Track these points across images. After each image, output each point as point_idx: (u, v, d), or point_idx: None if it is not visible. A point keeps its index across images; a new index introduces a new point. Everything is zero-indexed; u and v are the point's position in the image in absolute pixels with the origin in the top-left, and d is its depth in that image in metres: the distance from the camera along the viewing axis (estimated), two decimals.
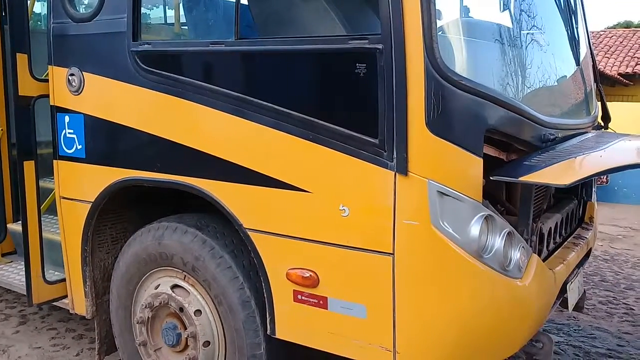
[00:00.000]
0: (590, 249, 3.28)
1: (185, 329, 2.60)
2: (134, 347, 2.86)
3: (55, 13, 2.84)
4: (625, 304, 4.73)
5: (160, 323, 2.73)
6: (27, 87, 2.91)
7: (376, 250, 2.07)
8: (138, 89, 2.57)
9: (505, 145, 2.35)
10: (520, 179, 2.13)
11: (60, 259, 3.05)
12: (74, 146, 2.84)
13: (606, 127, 3.46)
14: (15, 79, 2.87)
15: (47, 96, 2.92)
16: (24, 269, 3.06)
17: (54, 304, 3.21)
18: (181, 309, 2.60)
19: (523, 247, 2.24)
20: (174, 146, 2.49)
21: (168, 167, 2.54)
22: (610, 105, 3.53)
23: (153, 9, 4.30)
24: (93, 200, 2.78)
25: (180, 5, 3.77)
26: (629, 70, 16.29)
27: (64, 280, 3.07)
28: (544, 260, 2.54)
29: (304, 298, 2.26)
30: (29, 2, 3.54)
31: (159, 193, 2.73)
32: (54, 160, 2.95)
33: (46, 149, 3.07)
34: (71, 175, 2.91)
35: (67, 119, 2.85)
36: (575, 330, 4.11)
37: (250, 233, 2.35)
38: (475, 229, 2.05)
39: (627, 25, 33.79)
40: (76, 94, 2.79)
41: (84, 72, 2.75)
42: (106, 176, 2.72)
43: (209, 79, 2.42)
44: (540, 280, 2.34)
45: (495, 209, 2.23)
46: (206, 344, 2.56)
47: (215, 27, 3.19)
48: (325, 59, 2.17)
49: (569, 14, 3.25)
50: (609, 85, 15.60)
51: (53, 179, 3.01)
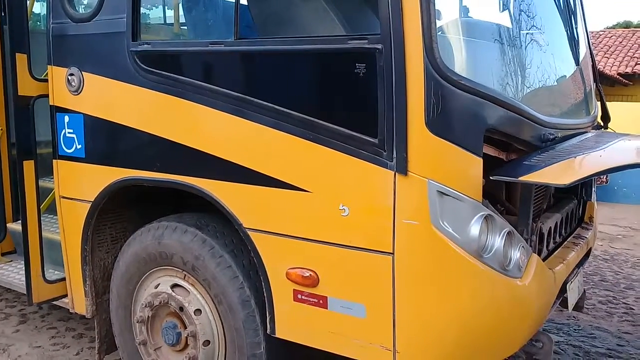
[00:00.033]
0: (590, 249, 3.28)
1: (185, 328, 2.61)
2: (134, 346, 2.86)
3: (55, 13, 2.83)
4: (625, 303, 4.73)
5: (160, 322, 2.74)
6: (27, 87, 2.91)
7: (376, 249, 2.08)
8: (137, 89, 2.57)
9: (505, 145, 2.35)
10: (520, 178, 2.13)
11: (60, 258, 3.05)
12: (74, 146, 2.84)
13: (606, 127, 3.46)
14: (15, 79, 2.87)
15: (47, 96, 2.92)
16: (23, 268, 3.06)
17: (54, 303, 3.21)
18: (181, 308, 2.60)
19: (523, 247, 2.24)
20: (173, 146, 2.49)
21: (168, 167, 2.54)
22: (610, 105, 3.53)
23: (152, 9, 4.30)
24: (93, 200, 2.79)
25: (180, 5, 3.77)
26: (629, 70, 16.30)
27: (63, 279, 3.08)
28: (544, 259, 2.54)
29: (303, 297, 2.26)
30: (29, 3, 3.54)
31: (158, 193, 2.73)
32: (54, 160, 2.95)
33: (46, 149, 3.07)
34: (71, 175, 2.91)
35: (67, 118, 2.85)
36: (575, 329, 4.11)
37: (250, 232, 2.35)
38: (475, 228, 2.05)
39: (627, 25, 33.80)
40: (76, 93, 2.79)
41: (83, 72, 2.75)
42: (106, 176, 2.72)
43: (208, 79, 2.42)
44: (540, 279, 2.34)
45: (495, 208, 2.23)
46: (206, 343, 2.56)
47: (215, 27, 3.19)
48: (325, 59, 2.17)
49: (568, 14, 3.25)
50: (608, 85, 15.61)
51: (53, 178, 3.01)
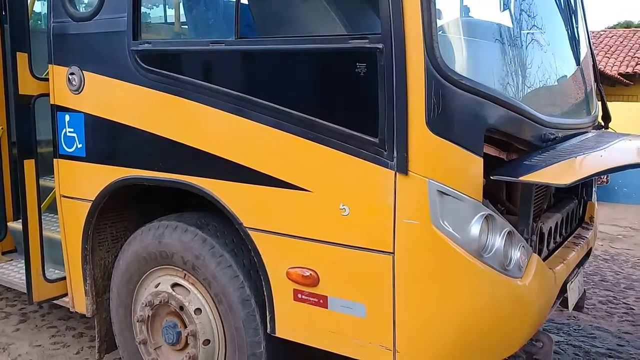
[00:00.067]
0: (591, 249, 3.28)
1: (185, 327, 2.61)
2: (134, 346, 2.86)
3: (56, 12, 2.84)
4: (625, 303, 4.73)
5: (160, 321, 2.74)
6: (28, 86, 2.91)
7: (376, 249, 2.07)
8: (138, 88, 2.57)
9: (506, 145, 2.35)
10: (520, 178, 2.14)
11: (60, 257, 3.05)
12: (74, 145, 2.84)
13: (606, 127, 3.46)
14: (16, 78, 2.87)
15: (48, 95, 2.92)
16: (24, 267, 3.06)
17: (54, 302, 3.21)
18: (181, 308, 2.60)
19: (523, 247, 2.24)
20: (174, 145, 2.49)
21: (168, 166, 2.54)
22: (611, 105, 3.53)
23: (153, 8, 4.29)
24: (93, 199, 2.79)
25: (180, 4, 3.77)
26: (629, 70, 16.31)
27: (64, 278, 3.08)
28: (544, 259, 2.54)
29: (304, 297, 2.26)
30: (29, 2, 3.54)
31: (159, 192, 2.73)
32: (54, 159, 2.95)
33: (46, 148, 3.07)
34: (71, 174, 2.91)
35: (68, 117, 2.85)
36: (575, 329, 4.11)
37: (250, 232, 2.35)
38: (475, 228, 2.05)
39: (627, 25, 33.78)
40: (76, 93, 2.79)
41: (84, 71, 2.75)
42: (106, 175, 2.72)
43: (209, 78, 2.42)
44: (541, 279, 2.34)
45: (495, 208, 2.23)
46: (206, 342, 2.56)
47: (216, 27, 3.19)
48: (326, 58, 2.17)
49: (569, 13, 3.24)
50: (609, 85, 15.60)
51: (53, 177, 3.01)
